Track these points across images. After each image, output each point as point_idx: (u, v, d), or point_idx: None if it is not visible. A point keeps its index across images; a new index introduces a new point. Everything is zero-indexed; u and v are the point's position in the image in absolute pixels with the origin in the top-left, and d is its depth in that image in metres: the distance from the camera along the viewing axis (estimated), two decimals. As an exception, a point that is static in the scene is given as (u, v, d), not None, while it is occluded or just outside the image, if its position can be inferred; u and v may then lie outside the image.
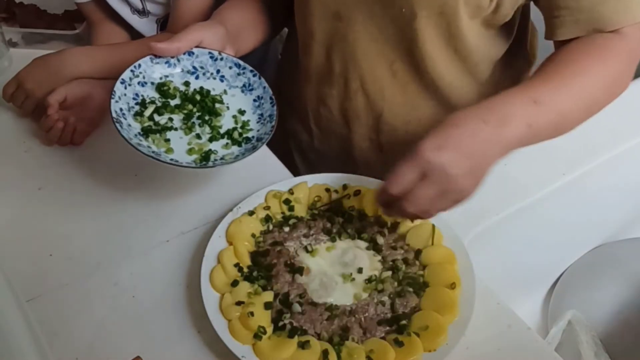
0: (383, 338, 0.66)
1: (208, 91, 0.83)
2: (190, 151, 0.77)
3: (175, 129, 0.79)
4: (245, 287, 0.70)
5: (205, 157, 0.76)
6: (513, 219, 0.84)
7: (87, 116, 0.96)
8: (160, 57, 0.81)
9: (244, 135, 0.79)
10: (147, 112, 0.79)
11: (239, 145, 0.79)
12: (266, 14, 0.94)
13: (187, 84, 0.83)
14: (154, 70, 0.81)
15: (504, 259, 0.91)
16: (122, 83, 0.78)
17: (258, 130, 0.80)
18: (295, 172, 0.88)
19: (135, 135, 0.75)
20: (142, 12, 1.09)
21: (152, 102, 0.80)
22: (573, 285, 1.11)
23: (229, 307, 0.67)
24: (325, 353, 0.64)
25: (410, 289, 0.70)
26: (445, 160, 0.63)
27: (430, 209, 0.66)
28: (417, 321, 0.67)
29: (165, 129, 0.78)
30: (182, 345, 0.69)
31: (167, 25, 1.07)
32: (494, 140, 0.66)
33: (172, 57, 0.81)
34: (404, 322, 0.67)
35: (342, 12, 0.84)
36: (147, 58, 0.80)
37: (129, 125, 0.76)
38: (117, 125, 0.74)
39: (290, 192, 0.80)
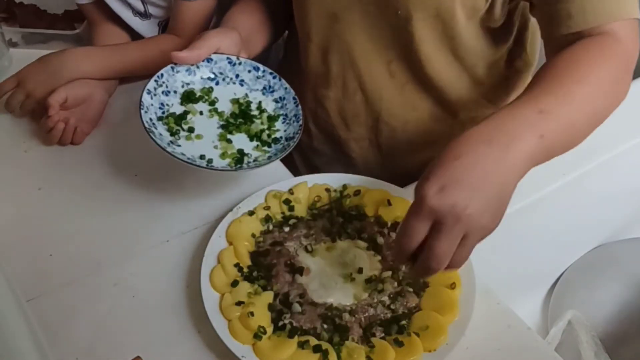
0: (383, 338, 0.66)
1: (248, 101, 0.85)
2: (223, 155, 0.78)
3: (202, 136, 0.81)
4: (245, 287, 0.70)
5: (239, 160, 0.78)
6: (513, 219, 0.83)
7: (88, 116, 0.96)
8: (180, 65, 0.82)
9: (272, 137, 0.81)
10: (185, 121, 0.81)
11: (269, 146, 0.80)
12: (271, 17, 0.95)
13: (210, 90, 0.84)
14: (176, 79, 0.83)
15: (504, 259, 0.90)
16: (148, 93, 0.79)
17: (285, 131, 0.82)
18: (295, 172, 0.88)
19: (168, 143, 0.77)
20: (144, 15, 1.09)
21: (187, 112, 0.82)
22: (573, 285, 1.11)
23: (229, 307, 0.67)
24: (325, 353, 0.64)
25: (410, 289, 0.70)
26: (454, 201, 0.55)
27: (457, 257, 0.58)
28: (417, 321, 0.67)
29: (198, 135, 0.80)
30: (182, 345, 0.69)
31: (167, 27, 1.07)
32: (504, 162, 0.58)
33: (192, 65, 0.83)
34: (404, 322, 0.67)
35: (339, 13, 0.84)
36: (169, 67, 0.82)
37: (160, 134, 0.78)
38: (151, 134, 0.75)
39: (290, 192, 0.80)
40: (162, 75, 0.81)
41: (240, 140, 0.81)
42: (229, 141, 0.80)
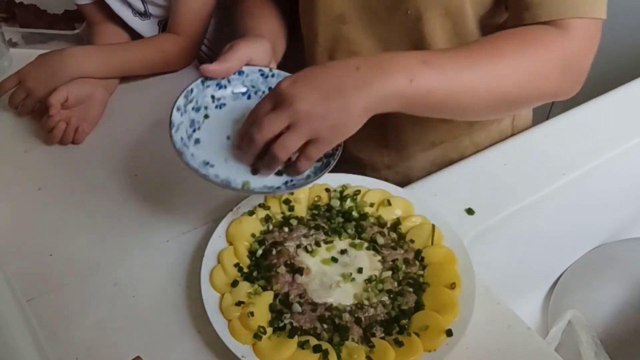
0: (383, 338, 0.66)
1: None
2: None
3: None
4: (245, 287, 0.70)
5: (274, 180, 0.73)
6: (513, 219, 0.84)
7: (89, 116, 0.96)
8: (211, 79, 0.77)
9: None
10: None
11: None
12: (284, 20, 0.92)
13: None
14: (206, 94, 0.77)
15: (504, 259, 0.90)
16: (177, 110, 0.73)
17: None
18: (295, 172, 0.88)
19: (200, 164, 0.72)
20: (144, 14, 1.09)
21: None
22: (573, 285, 1.10)
23: (229, 307, 0.67)
24: (325, 353, 0.64)
25: (410, 289, 0.70)
26: (296, 92, 0.61)
27: (282, 143, 0.63)
28: (417, 321, 0.67)
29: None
30: (182, 345, 0.69)
31: (167, 26, 1.07)
32: (361, 84, 0.61)
33: (223, 79, 0.77)
34: (404, 322, 0.67)
35: (347, 14, 0.83)
36: (199, 81, 0.76)
37: (192, 155, 0.72)
38: (182, 156, 0.70)
39: (291, 192, 0.80)
40: (192, 90, 0.75)
41: None
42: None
